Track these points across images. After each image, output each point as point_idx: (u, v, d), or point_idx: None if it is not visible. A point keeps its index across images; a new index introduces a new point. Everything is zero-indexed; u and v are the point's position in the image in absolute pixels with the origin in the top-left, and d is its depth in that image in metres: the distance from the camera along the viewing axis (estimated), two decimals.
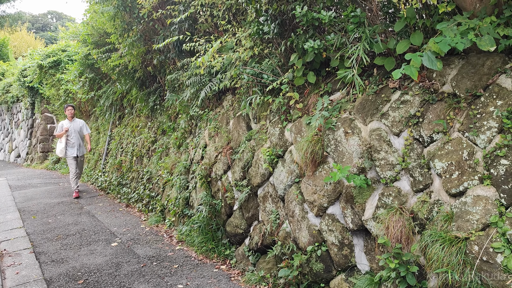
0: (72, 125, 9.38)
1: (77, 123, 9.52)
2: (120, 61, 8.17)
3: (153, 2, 6.35)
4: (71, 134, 9.28)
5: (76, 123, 9.51)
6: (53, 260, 5.32)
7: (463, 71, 3.16)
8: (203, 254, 5.49)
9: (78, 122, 9.57)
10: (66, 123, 9.35)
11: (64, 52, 14.62)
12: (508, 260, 2.52)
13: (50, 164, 16.74)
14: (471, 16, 3.01)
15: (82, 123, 9.62)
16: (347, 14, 3.57)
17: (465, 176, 2.90)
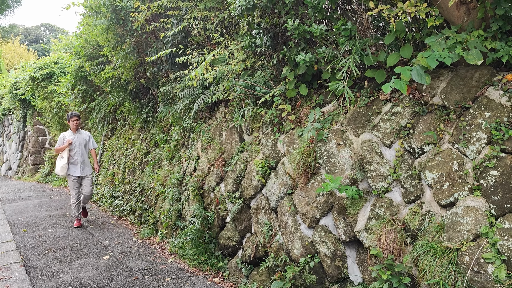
0: (76, 138, 7.71)
1: (82, 135, 7.86)
2: (113, 73, 8.19)
3: (146, 15, 6.39)
4: (74, 149, 7.64)
5: (81, 135, 7.85)
6: (44, 274, 5.25)
7: (452, 83, 3.21)
8: (196, 267, 5.45)
9: (83, 134, 7.92)
10: (69, 134, 7.75)
11: (56, 64, 14.62)
12: (499, 271, 2.54)
13: (41, 177, 16.61)
14: (459, 30, 3.07)
15: (88, 136, 7.95)
16: (338, 27, 3.62)
17: (455, 187, 2.93)
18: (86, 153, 7.88)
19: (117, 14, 6.81)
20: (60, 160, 7.62)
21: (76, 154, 7.65)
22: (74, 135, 7.74)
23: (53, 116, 14.28)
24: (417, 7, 2.89)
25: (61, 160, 7.61)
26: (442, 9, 3.13)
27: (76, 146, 7.66)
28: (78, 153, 7.66)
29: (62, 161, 7.57)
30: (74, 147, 7.65)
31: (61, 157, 7.62)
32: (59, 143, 7.67)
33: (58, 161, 7.63)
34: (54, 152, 16.74)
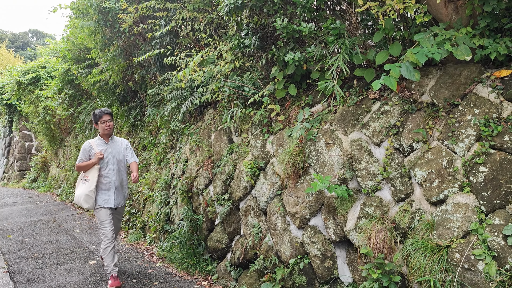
0: (109, 149, 5.07)
1: (117, 145, 5.20)
2: (101, 77, 8.10)
3: (134, 16, 6.34)
4: (106, 165, 5.01)
5: (117, 145, 5.19)
6: (28, 280, 5.13)
7: (441, 81, 3.21)
8: (184, 271, 5.36)
9: (119, 142, 5.25)
10: (98, 143, 5.07)
11: (43, 68, 14.46)
12: (489, 267, 2.52)
13: (27, 183, 16.38)
14: (447, 27, 3.07)
15: (126, 145, 5.30)
16: (327, 26, 3.61)
17: (445, 184, 2.92)
18: (125, 171, 5.25)
19: (104, 16, 6.75)
20: (83, 184, 4.95)
21: (110, 174, 5.01)
22: (107, 144, 5.06)
23: (40, 121, 14.08)
24: (405, 4, 2.89)
25: (85, 183, 4.94)
26: (431, 6, 3.13)
27: (109, 161, 5.02)
28: (112, 172, 5.03)
29: (87, 185, 4.91)
30: (107, 163, 5.00)
31: (85, 178, 4.96)
32: (82, 156, 4.98)
33: (81, 186, 4.97)
34: (41, 160, 16.25)
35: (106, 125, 4.98)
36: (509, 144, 2.71)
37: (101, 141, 5.07)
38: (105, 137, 5.09)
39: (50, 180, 15.20)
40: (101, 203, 4.93)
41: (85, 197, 4.86)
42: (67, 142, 14.23)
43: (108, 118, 5.00)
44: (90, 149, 4.98)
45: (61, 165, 14.54)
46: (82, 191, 4.89)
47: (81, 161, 4.97)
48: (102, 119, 4.96)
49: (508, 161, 2.68)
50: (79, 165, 4.96)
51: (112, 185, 5.02)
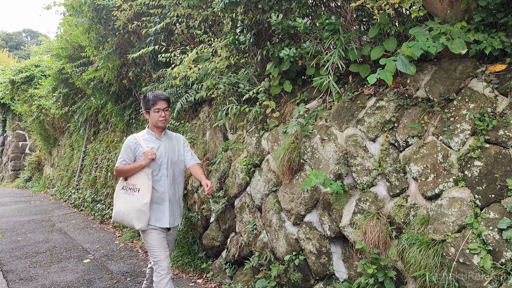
0: (163, 147, 3.75)
1: (173, 141, 3.89)
2: (95, 75, 8.04)
3: (129, 14, 6.30)
4: (159, 169, 3.69)
5: (172, 141, 3.88)
6: (22, 278, 5.08)
7: (436, 76, 3.21)
8: (179, 268, 5.34)
9: (174, 139, 3.93)
10: (148, 139, 3.74)
11: (37, 67, 14.37)
12: (484, 261, 2.52)
13: (21, 183, 16.28)
14: (442, 22, 3.07)
15: (182, 141, 3.99)
16: (322, 21, 3.60)
17: (440, 178, 2.91)
18: (182, 177, 3.91)
19: (98, 13, 6.70)
20: (129, 195, 3.58)
21: (163, 181, 3.68)
22: (159, 141, 3.73)
23: (34, 120, 13.98)
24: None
25: (132, 194, 3.58)
26: (425, 1, 3.13)
27: (162, 163, 3.68)
28: (165, 179, 3.69)
29: (138, 197, 3.56)
30: (159, 166, 3.66)
31: (131, 187, 3.60)
32: (124, 156, 3.63)
33: (124, 197, 3.60)
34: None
35: (161, 115, 3.61)
36: (504, 138, 2.71)
37: (151, 136, 3.69)
38: (158, 130, 3.72)
39: (44, 179, 15.11)
40: (152, 222, 3.57)
41: (136, 213, 3.49)
42: (61, 141, 14.15)
43: (165, 106, 3.64)
44: (137, 146, 3.60)
45: (55, 164, 14.45)
46: (130, 205, 3.51)
47: (124, 163, 3.58)
48: (156, 106, 3.60)
49: (503, 155, 2.68)
50: (121, 169, 3.57)
51: (166, 196, 3.65)
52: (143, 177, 3.58)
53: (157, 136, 3.73)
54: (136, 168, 3.57)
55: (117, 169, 3.63)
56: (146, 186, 3.56)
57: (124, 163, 3.61)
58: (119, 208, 3.62)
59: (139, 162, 3.56)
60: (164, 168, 3.68)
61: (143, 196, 3.54)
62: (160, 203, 3.65)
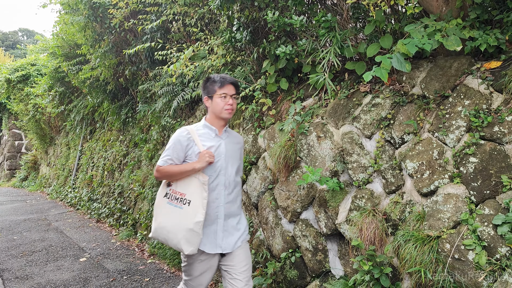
0: (223, 147, 2.85)
1: (233, 141, 2.98)
2: (91, 73, 8.02)
3: (125, 12, 6.29)
4: (216, 176, 2.79)
5: (232, 141, 2.97)
6: (17, 277, 5.06)
7: (431, 73, 3.22)
8: (176, 267, 5.33)
9: (234, 138, 3.02)
10: (205, 135, 2.84)
11: (33, 66, 14.33)
12: (480, 257, 2.52)
13: (17, 182, 16.23)
14: (437, 19, 3.08)
15: (241, 143, 3.11)
16: (318, 19, 3.60)
17: (435, 175, 2.92)
18: (240, 189, 3.04)
19: (94, 11, 6.69)
20: (174, 208, 2.75)
21: (218, 191, 2.82)
22: (219, 138, 2.89)
23: (30, 119, 13.94)
24: None
25: (180, 208, 2.73)
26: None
27: (220, 169, 2.84)
28: (222, 190, 2.83)
29: (188, 212, 2.71)
30: (217, 171, 2.82)
31: (179, 197, 2.76)
32: (171, 154, 2.76)
33: (169, 210, 2.76)
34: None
35: (228, 103, 2.78)
36: (498, 134, 2.72)
37: (210, 131, 2.84)
38: (220, 124, 2.86)
39: (40, 179, 15.07)
40: (200, 245, 2.71)
41: (187, 235, 2.63)
42: (57, 140, 14.11)
43: (233, 92, 2.82)
44: (190, 143, 2.75)
45: (51, 163, 14.41)
46: (178, 222, 2.67)
47: (169, 162, 2.72)
48: (222, 89, 2.78)
49: (497, 152, 2.69)
50: (165, 170, 2.71)
51: (220, 212, 2.78)
52: (197, 186, 2.70)
53: (218, 132, 2.85)
54: (187, 172, 2.69)
55: (160, 169, 2.73)
56: (200, 198, 2.68)
57: (170, 163, 2.72)
58: (162, 223, 2.74)
59: (193, 165, 2.68)
60: (222, 175, 2.79)
61: (196, 211, 2.66)
62: (212, 221, 2.75)
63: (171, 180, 2.79)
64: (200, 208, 2.67)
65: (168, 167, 2.71)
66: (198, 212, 2.66)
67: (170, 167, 2.71)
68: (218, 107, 2.79)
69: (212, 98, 2.81)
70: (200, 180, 2.71)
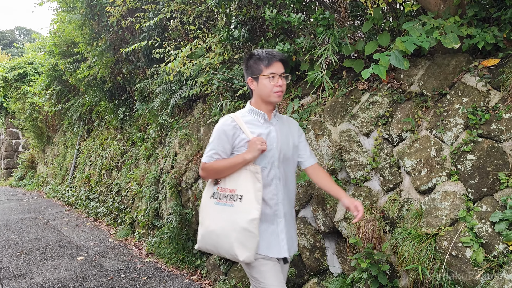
0: (274, 134, 2.41)
1: (286, 127, 2.53)
2: (89, 72, 7.99)
3: (122, 10, 6.27)
4: (270, 168, 2.37)
5: (285, 127, 2.52)
6: (15, 276, 5.05)
7: (429, 71, 3.22)
8: (173, 265, 5.33)
9: (286, 123, 2.57)
10: (252, 121, 2.41)
11: (30, 64, 14.28)
12: (477, 254, 2.53)
13: (14, 181, 16.19)
14: (435, 17, 3.08)
15: (297, 129, 2.62)
16: (316, 16, 3.60)
17: (433, 172, 2.92)
18: (295, 183, 2.59)
19: (92, 9, 6.67)
20: (223, 207, 2.31)
21: (275, 185, 2.38)
22: (269, 124, 2.45)
23: (27, 118, 13.89)
24: None
25: (230, 205, 2.29)
26: None
27: (274, 159, 2.39)
28: (278, 183, 2.40)
29: (240, 209, 2.26)
30: (270, 162, 2.38)
31: (228, 194, 2.32)
32: (217, 146, 2.36)
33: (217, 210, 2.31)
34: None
35: (278, 84, 2.34)
36: (496, 132, 2.72)
37: (257, 116, 2.43)
38: (268, 108, 2.43)
39: (37, 178, 15.03)
40: (262, 250, 2.29)
41: (240, 236, 2.22)
42: (54, 139, 14.07)
43: (282, 70, 2.38)
44: (236, 132, 2.36)
45: (48, 162, 14.37)
46: (229, 222, 2.26)
47: (216, 157, 2.34)
48: (270, 68, 2.33)
49: (495, 149, 2.69)
50: (212, 167, 2.33)
51: (280, 210, 2.37)
52: (248, 177, 2.29)
53: (267, 116, 2.41)
54: (237, 165, 2.29)
55: (206, 166, 2.34)
56: (253, 191, 2.26)
57: (217, 158, 2.33)
58: (210, 227, 2.31)
59: (243, 156, 2.27)
60: (276, 167, 2.37)
61: (249, 207, 2.23)
62: (272, 220, 2.34)
63: (220, 177, 2.36)
64: (254, 203, 2.24)
65: (215, 163, 2.33)
66: (253, 208, 2.23)
67: (217, 163, 2.32)
68: (265, 89, 2.34)
69: (257, 79, 2.36)
70: (251, 170, 2.30)
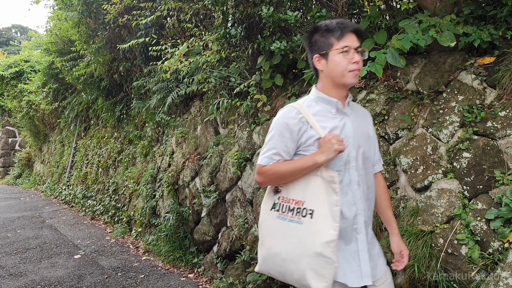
0: (350, 127, 1.85)
1: (359, 116, 1.95)
2: (85, 70, 7.96)
3: (119, 7, 6.25)
4: (345, 171, 1.82)
5: (359, 117, 1.94)
6: (11, 274, 5.04)
7: (425, 69, 3.23)
8: (170, 263, 5.33)
9: (359, 112, 1.98)
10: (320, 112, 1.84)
11: (26, 62, 14.21)
12: (472, 251, 2.54)
13: (11, 179, 16.14)
14: (431, 15, 3.09)
15: (371, 120, 2.04)
16: (313, 14, 3.60)
17: (429, 170, 2.93)
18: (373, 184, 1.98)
19: (88, 7, 6.65)
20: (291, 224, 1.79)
21: (353, 193, 1.83)
22: (343, 114, 1.87)
23: (23, 116, 13.84)
24: None
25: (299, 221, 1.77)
26: None
27: (351, 157, 1.84)
28: (356, 189, 1.84)
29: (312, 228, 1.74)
30: (347, 162, 1.83)
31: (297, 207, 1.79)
32: (278, 144, 1.83)
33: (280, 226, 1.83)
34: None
35: (354, 60, 1.80)
36: (491, 130, 2.73)
37: (328, 105, 1.89)
38: (341, 94, 1.89)
39: (34, 176, 14.99)
40: (339, 277, 1.78)
41: (313, 262, 1.73)
42: (51, 137, 14.03)
43: (357, 43, 1.83)
44: (303, 126, 1.84)
45: (45, 161, 14.33)
46: (299, 244, 1.78)
47: (276, 158, 1.86)
48: (343, 41, 1.79)
49: (490, 147, 2.70)
50: (272, 171, 1.85)
51: (360, 223, 1.85)
52: (319, 186, 1.78)
53: (340, 105, 1.86)
54: (305, 169, 1.78)
55: (264, 170, 1.85)
56: (328, 205, 1.75)
57: (277, 159, 1.84)
58: (273, 249, 1.84)
59: (313, 158, 1.75)
60: (353, 169, 1.84)
61: (324, 225, 1.73)
62: (350, 238, 1.82)
63: (281, 184, 1.87)
64: (329, 220, 1.73)
65: (275, 166, 1.82)
66: (328, 227, 1.72)
67: (279, 166, 1.82)
68: (338, 68, 1.79)
69: (326, 56, 1.81)
70: (324, 177, 1.77)
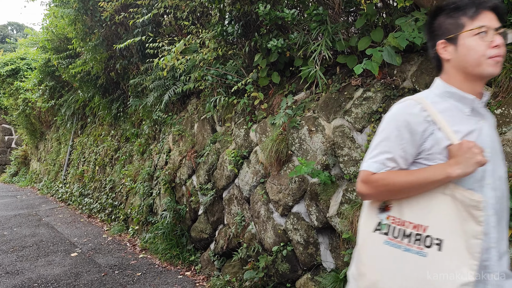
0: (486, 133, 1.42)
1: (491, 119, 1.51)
2: (82, 67, 7.93)
3: (116, 5, 6.22)
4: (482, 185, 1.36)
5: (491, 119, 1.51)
6: (8, 272, 5.03)
7: (422, 67, 3.23)
8: (167, 261, 5.33)
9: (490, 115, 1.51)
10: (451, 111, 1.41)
11: (23, 60, 14.15)
12: None
13: (7, 177, 16.08)
14: (428, 13, 3.08)
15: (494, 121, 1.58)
16: (310, 12, 3.60)
17: None
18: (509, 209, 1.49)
19: (85, 4, 6.62)
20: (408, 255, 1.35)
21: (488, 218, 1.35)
22: (480, 116, 1.44)
23: (19, 114, 13.78)
24: None
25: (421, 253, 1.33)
26: None
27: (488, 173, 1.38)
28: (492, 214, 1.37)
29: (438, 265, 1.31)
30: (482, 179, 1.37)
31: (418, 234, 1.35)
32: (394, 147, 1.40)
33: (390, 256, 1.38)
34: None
35: (494, 45, 1.36)
36: None
37: (460, 101, 1.45)
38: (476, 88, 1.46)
39: (30, 174, 14.94)
40: None
41: None
42: (48, 135, 13.98)
43: (497, 23, 1.39)
44: (429, 127, 1.39)
45: (42, 159, 14.28)
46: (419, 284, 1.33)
47: (391, 165, 1.42)
48: (477, 20, 1.38)
49: None
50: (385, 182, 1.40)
51: (492, 258, 1.37)
52: (450, 209, 1.37)
53: (477, 104, 1.46)
54: (433, 184, 1.37)
55: (374, 179, 1.44)
56: (463, 235, 1.35)
57: (392, 167, 1.44)
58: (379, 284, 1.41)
59: (445, 169, 1.35)
60: (490, 187, 1.41)
61: (457, 262, 1.33)
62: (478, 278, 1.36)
63: (392, 199, 1.46)
64: (465, 256, 1.33)
65: (389, 175, 1.42)
66: (463, 265, 1.33)
67: (394, 176, 1.41)
68: (473, 54, 1.40)
69: (456, 40, 1.44)
70: (457, 198, 1.36)
